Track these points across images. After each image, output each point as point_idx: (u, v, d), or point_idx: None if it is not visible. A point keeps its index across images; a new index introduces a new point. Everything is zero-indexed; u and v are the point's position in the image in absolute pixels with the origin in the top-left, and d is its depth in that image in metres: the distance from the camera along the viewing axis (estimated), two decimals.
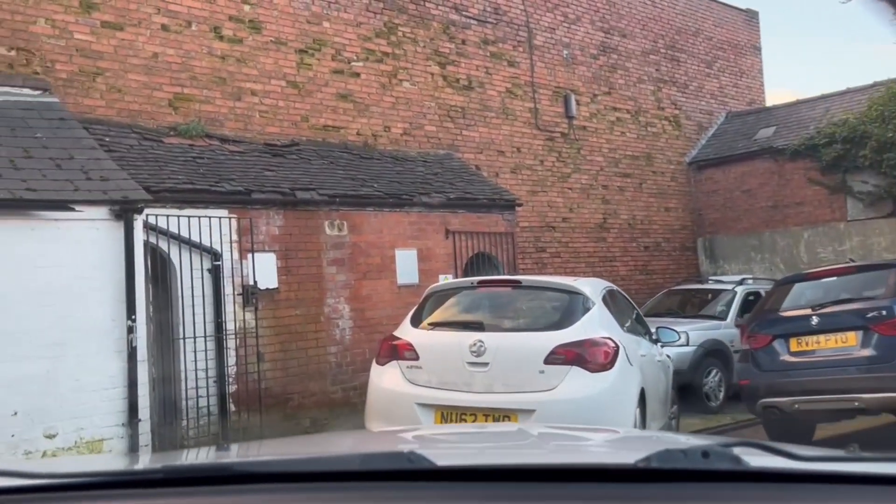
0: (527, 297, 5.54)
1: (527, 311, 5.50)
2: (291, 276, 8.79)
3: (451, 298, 5.78)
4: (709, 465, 1.26)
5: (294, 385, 8.71)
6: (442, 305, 5.76)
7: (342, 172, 9.90)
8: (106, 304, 6.31)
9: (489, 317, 5.49)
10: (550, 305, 5.44)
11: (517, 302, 5.53)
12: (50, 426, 5.96)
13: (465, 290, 5.75)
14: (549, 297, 5.50)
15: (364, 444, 2.49)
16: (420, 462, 1.29)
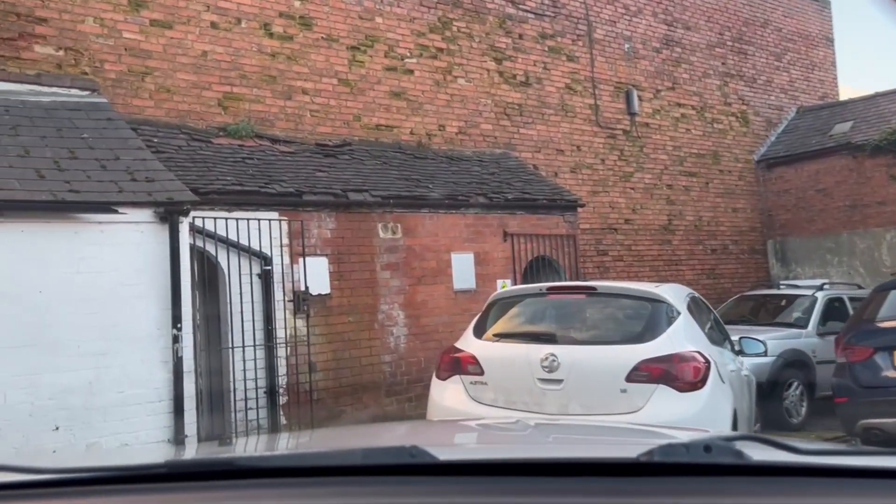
0: (603, 305, 4.99)
1: (604, 321, 4.94)
2: (344, 281, 8.39)
3: (517, 307, 5.26)
4: (711, 459, 1.25)
5: (347, 396, 8.30)
6: (508, 314, 5.25)
7: (395, 173, 9.48)
8: (151, 312, 5.98)
9: (562, 328, 4.95)
10: (631, 315, 4.88)
11: (593, 311, 4.97)
12: (93, 442, 5.64)
13: (534, 298, 5.22)
14: (629, 305, 4.93)
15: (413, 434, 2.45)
16: (422, 456, 1.27)
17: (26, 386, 5.42)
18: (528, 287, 5.46)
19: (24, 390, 5.42)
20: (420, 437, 2.23)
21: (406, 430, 2.67)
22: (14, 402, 5.37)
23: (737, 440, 1.38)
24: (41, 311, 5.52)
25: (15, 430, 5.37)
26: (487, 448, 1.95)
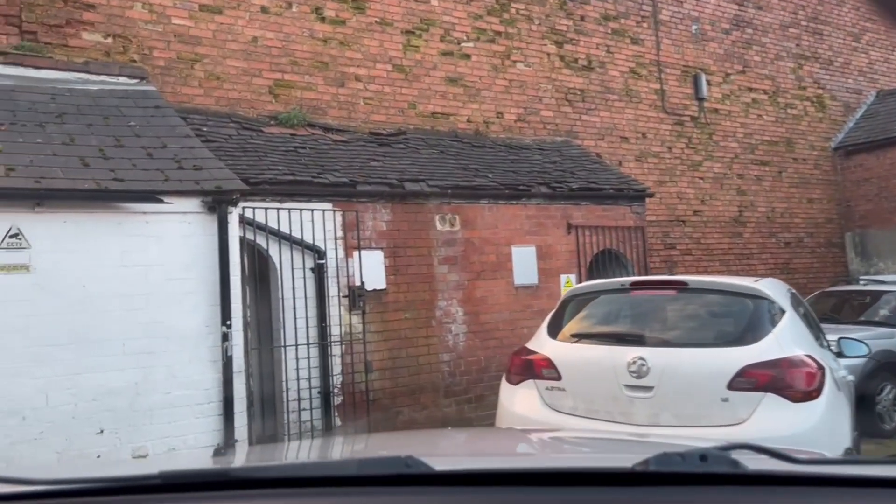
0: (696, 302, 4.40)
1: (699, 320, 4.37)
2: (400, 275, 7.95)
3: (597, 304, 4.72)
4: (706, 468, 1.24)
5: (404, 397, 7.87)
6: (586, 312, 4.71)
7: (453, 162, 9.00)
8: (199, 308, 5.62)
9: (650, 328, 4.39)
10: (729, 313, 4.29)
11: (684, 309, 4.39)
12: (139, 446, 5.31)
13: (615, 294, 4.66)
14: (727, 302, 4.34)
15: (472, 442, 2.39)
16: (418, 467, 1.26)
17: (69, 386, 5.12)
18: (608, 282, 4.91)
19: (67, 391, 5.11)
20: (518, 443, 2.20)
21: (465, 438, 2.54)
22: (56, 403, 5.07)
23: (733, 449, 1.35)
24: (84, 307, 5.20)
25: (58, 432, 5.07)
26: (484, 459, 1.92)
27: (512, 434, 3.15)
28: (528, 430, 3.41)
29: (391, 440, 2.84)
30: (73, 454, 5.09)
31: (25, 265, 5.02)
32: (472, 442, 2.44)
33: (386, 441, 2.77)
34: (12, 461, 4.91)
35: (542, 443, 2.30)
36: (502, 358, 8.55)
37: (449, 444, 2.34)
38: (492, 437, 2.54)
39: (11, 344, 4.96)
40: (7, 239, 4.96)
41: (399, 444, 2.32)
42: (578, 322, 4.68)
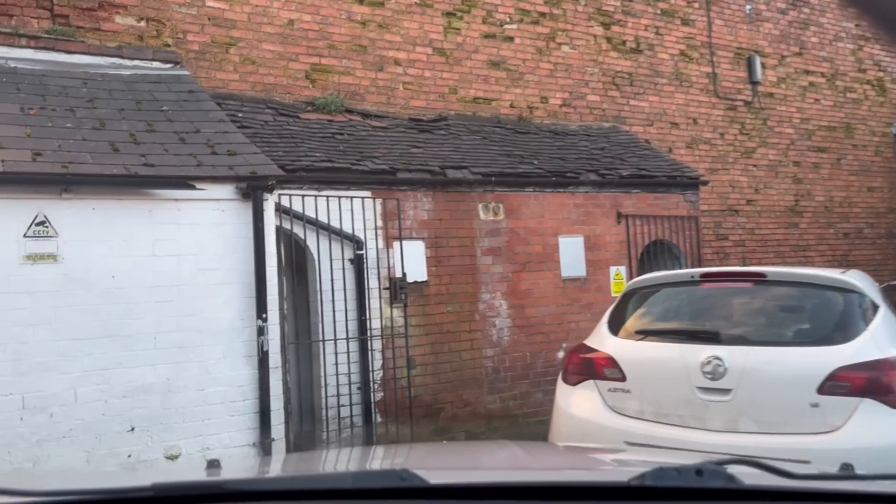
0: (777, 296, 3.95)
1: (781, 316, 3.92)
2: (442, 267, 7.60)
3: (663, 297, 4.29)
4: (702, 483, 1.23)
5: (446, 393, 7.53)
6: (651, 306, 4.30)
7: (496, 149, 8.61)
8: (233, 300, 5.33)
9: (725, 324, 3.95)
10: (815, 309, 3.84)
11: (764, 303, 3.95)
12: (171, 445, 5.05)
13: (683, 287, 4.23)
14: (811, 296, 3.89)
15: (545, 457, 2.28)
16: (412, 480, 1.25)
17: (99, 382, 4.87)
18: (675, 273, 4.49)
19: (96, 387, 4.87)
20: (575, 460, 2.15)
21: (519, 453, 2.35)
22: (86, 399, 4.82)
23: (729, 464, 1.33)
24: (114, 299, 4.94)
25: (87, 430, 4.83)
26: (479, 472, 1.91)
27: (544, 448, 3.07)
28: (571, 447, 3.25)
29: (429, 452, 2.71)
30: (103, 453, 4.85)
31: (53, 254, 4.78)
32: (471, 455, 2.36)
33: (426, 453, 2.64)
34: (39, 460, 4.68)
35: (546, 456, 2.27)
36: (548, 354, 8.17)
37: (447, 457, 2.26)
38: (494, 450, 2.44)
39: (39, 337, 4.72)
40: (33, 227, 4.72)
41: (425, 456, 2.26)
42: (643, 317, 4.27)
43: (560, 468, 1.96)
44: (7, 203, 4.69)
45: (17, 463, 4.61)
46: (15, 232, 4.69)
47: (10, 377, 4.63)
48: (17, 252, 4.69)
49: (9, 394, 4.62)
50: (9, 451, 4.59)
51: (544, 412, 8.16)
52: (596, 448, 3.57)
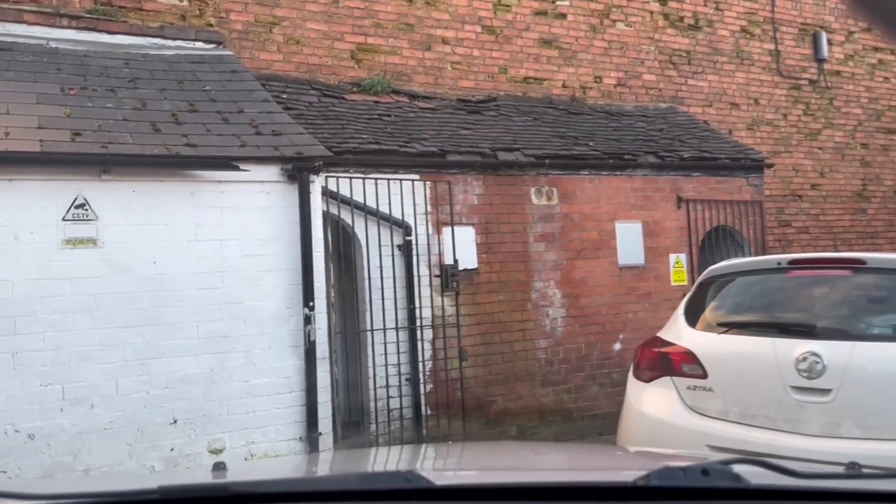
0: (879, 285, 3.53)
1: (886, 308, 3.50)
2: (492, 254, 7.26)
3: (745, 286, 3.89)
4: (708, 482, 1.24)
5: (497, 386, 7.21)
6: (733, 296, 3.90)
7: (549, 130, 8.22)
8: (279, 288, 5.08)
9: (821, 316, 3.54)
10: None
11: (864, 293, 3.52)
12: (215, 438, 4.82)
13: (768, 275, 3.82)
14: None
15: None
16: (418, 482, 1.27)
17: (140, 373, 4.66)
18: (758, 260, 4.08)
19: (138, 378, 4.66)
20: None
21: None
22: (127, 391, 4.62)
23: (735, 463, 1.33)
24: (155, 286, 4.72)
25: (129, 422, 4.62)
26: (485, 473, 1.90)
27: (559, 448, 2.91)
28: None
29: (483, 452, 2.65)
30: (145, 447, 4.64)
31: (93, 239, 4.57)
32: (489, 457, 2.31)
33: (481, 452, 2.59)
34: (80, 453, 4.49)
35: (559, 455, 2.24)
36: (604, 346, 7.79)
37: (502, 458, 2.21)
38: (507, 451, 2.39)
39: (79, 325, 4.52)
40: (73, 210, 4.52)
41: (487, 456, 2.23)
42: (725, 308, 3.87)
43: (567, 468, 1.95)
44: (46, 185, 4.49)
45: (57, 456, 4.43)
46: (54, 215, 4.49)
47: (51, 367, 4.44)
48: (57, 236, 4.50)
49: (48, 384, 4.43)
50: (48, 443, 4.41)
51: (599, 406, 7.81)
52: (612, 448, 3.54)
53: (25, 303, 4.39)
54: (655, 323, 8.07)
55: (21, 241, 4.40)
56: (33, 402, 4.38)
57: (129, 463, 4.55)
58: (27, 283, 4.40)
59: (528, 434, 7.31)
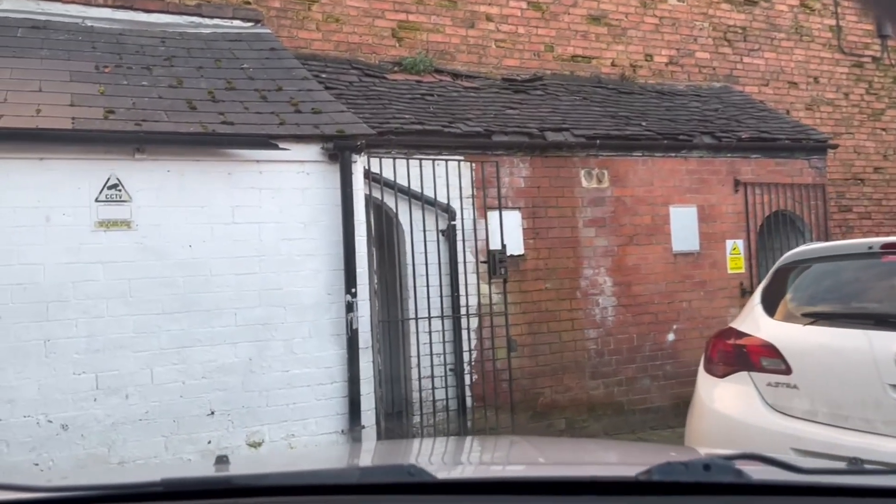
0: None
1: None
2: (539, 239, 6.93)
3: (830, 272, 3.51)
4: (710, 477, 1.24)
5: (544, 377, 6.90)
6: (817, 284, 3.53)
7: (599, 110, 7.84)
8: (320, 273, 4.83)
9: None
10: None
11: None
12: (254, 431, 4.60)
13: (858, 260, 3.45)
14: None
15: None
16: (420, 475, 1.26)
17: (176, 362, 4.45)
18: (844, 244, 3.70)
19: (174, 367, 4.45)
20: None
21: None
22: (162, 380, 4.41)
23: (737, 458, 1.33)
24: (191, 271, 4.51)
25: (164, 413, 4.42)
26: (487, 467, 1.93)
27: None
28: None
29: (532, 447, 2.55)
30: (181, 439, 4.44)
31: (126, 221, 4.36)
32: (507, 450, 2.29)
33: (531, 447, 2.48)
34: (115, 444, 4.30)
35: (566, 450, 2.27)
36: (657, 336, 7.42)
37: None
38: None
39: (113, 311, 4.32)
40: (105, 190, 4.31)
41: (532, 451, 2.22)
42: (808, 296, 3.51)
43: (569, 463, 1.96)
44: (78, 164, 4.29)
45: (91, 448, 4.24)
46: (87, 196, 4.29)
47: (84, 355, 4.25)
48: (89, 218, 4.30)
49: (82, 372, 4.25)
50: (82, 434, 4.23)
51: (651, 400, 7.46)
52: (612, 443, 3.42)
53: (57, 287, 4.20)
54: (711, 313, 7.69)
55: (53, 222, 4.21)
56: (66, 391, 4.20)
57: (164, 455, 4.36)
58: (59, 267, 4.21)
59: (576, 428, 7.00)
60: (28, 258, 4.16)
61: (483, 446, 2.62)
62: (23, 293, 4.14)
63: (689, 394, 7.59)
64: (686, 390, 7.73)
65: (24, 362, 4.12)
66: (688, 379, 7.67)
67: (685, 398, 7.65)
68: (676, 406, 7.51)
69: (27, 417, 4.12)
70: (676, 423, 7.60)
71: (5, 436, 4.07)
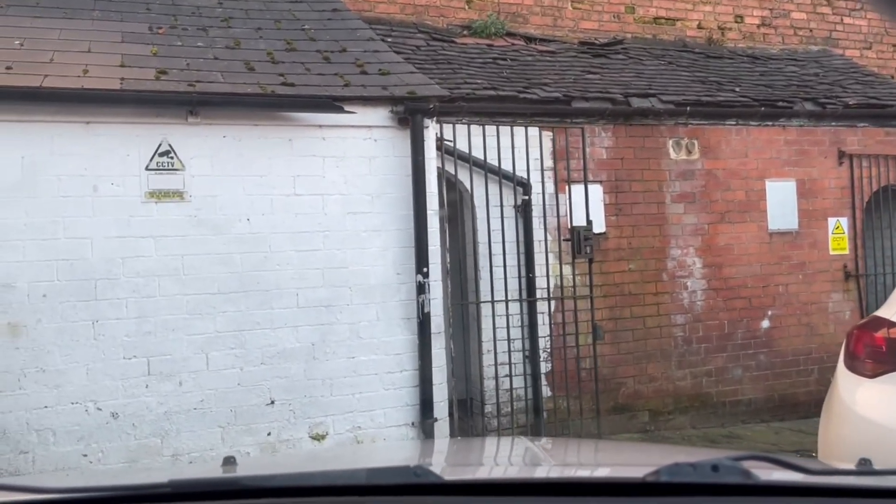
0: None
1: None
2: (622, 216, 6.35)
3: None
4: (718, 478, 1.23)
5: (627, 366, 6.35)
6: None
7: (686, 75, 7.17)
8: (388, 251, 4.38)
9: None
10: None
11: None
12: (317, 422, 4.20)
13: None
14: None
15: None
16: (427, 476, 1.26)
17: (233, 346, 4.07)
18: None
19: (231, 351, 4.07)
20: None
21: None
22: (218, 366, 4.04)
23: (746, 459, 1.29)
24: (249, 247, 4.11)
25: (220, 401, 4.05)
26: (494, 468, 1.90)
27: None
28: None
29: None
30: (239, 429, 4.07)
31: (179, 191, 3.98)
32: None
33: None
34: (168, 435, 3.95)
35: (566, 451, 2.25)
36: (750, 323, 6.77)
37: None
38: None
39: (165, 290, 3.96)
40: (157, 158, 3.93)
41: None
42: None
43: (577, 464, 1.96)
44: (127, 129, 3.91)
45: (143, 438, 3.90)
46: (136, 164, 3.92)
47: (134, 337, 3.90)
48: (139, 188, 3.93)
49: (132, 357, 3.90)
50: (133, 423, 3.89)
51: (743, 392, 6.83)
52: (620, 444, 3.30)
53: (106, 264, 3.85)
54: (809, 298, 6.99)
55: (100, 193, 3.86)
56: (116, 376, 3.86)
57: (221, 448, 3.99)
58: (108, 242, 3.86)
59: (660, 421, 6.44)
60: (75, 231, 3.82)
61: (566, 449, 2.47)
62: (70, 270, 3.81)
63: (785, 386, 6.98)
64: (781, 382, 7.09)
65: (72, 345, 3.80)
66: (783, 370, 7.02)
67: (780, 391, 7.01)
68: (770, 399, 6.87)
69: (75, 404, 3.80)
70: (770, 416, 6.98)
71: (52, 424, 3.76)
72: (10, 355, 3.69)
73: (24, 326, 3.71)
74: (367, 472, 1.30)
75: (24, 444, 3.70)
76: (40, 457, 3.71)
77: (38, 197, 3.76)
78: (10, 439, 3.68)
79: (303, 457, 2.96)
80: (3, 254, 3.69)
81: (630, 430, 6.34)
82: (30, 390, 3.72)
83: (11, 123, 3.71)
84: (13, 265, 3.71)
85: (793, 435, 6.45)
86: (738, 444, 6.15)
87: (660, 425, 6.45)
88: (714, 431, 6.51)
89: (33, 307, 3.73)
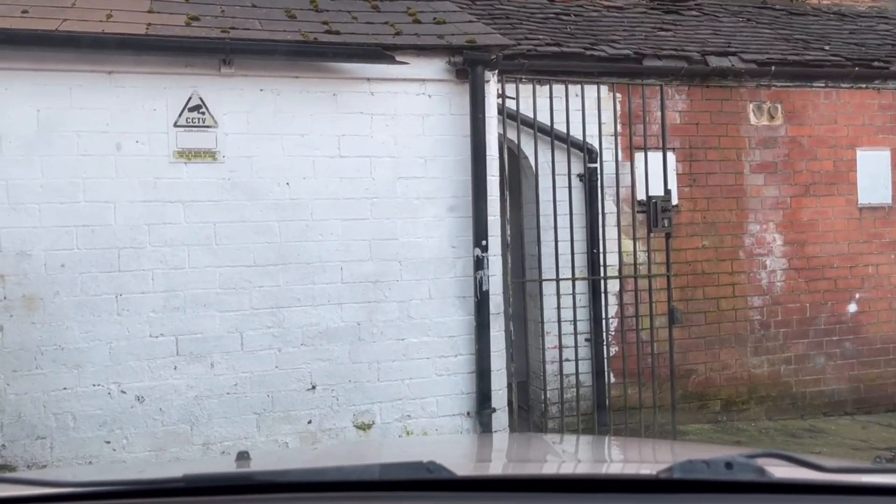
0: None
1: None
2: (696, 187, 5.78)
3: None
4: (732, 476, 1.22)
5: (698, 351, 5.81)
6: None
7: (769, 32, 6.49)
8: (442, 222, 3.90)
9: None
10: None
11: None
12: (363, 410, 3.78)
13: None
14: None
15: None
16: (439, 472, 1.26)
17: (270, 325, 3.65)
18: None
19: (268, 331, 3.66)
20: None
21: None
22: (254, 346, 3.63)
23: (760, 457, 1.29)
24: (289, 215, 3.68)
25: (257, 386, 3.65)
26: (507, 464, 1.92)
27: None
28: None
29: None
30: (277, 417, 3.67)
31: (211, 151, 3.56)
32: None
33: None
34: (198, 421, 3.57)
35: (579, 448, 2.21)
36: (835, 306, 6.14)
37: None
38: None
39: (195, 261, 3.56)
40: (186, 113, 3.51)
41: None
42: None
43: (591, 461, 1.93)
44: (153, 80, 3.50)
45: (171, 424, 3.53)
46: (163, 119, 3.50)
47: (161, 313, 3.52)
48: (167, 146, 3.51)
49: (160, 335, 3.51)
50: (160, 407, 3.51)
51: (826, 381, 6.22)
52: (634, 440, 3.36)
53: (130, 231, 3.46)
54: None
55: (124, 151, 3.46)
56: (142, 356, 3.49)
57: (257, 437, 3.60)
58: (132, 206, 3.47)
59: (733, 411, 5.90)
60: (96, 194, 3.43)
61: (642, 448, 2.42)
62: (91, 237, 3.42)
63: (873, 376, 6.35)
64: (868, 372, 6.45)
65: (93, 321, 3.42)
66: (871, 359, 6.39)
67: (867, 382, 6.39)
68: (855, 390, 6.27)
69: (97, 386, 3.43)
70: (854, 409, 6.38)
71: (72, 407, 3.41)
72: (25, 331, 3.34)
73: (41, 300, 3.35)
74: (380, 468, 1.30)
75: (42, 429, 3.36)
76: (59, 443, 3.37)
77: (55, 155, 3.37)
78: (26, 423, 3.33)
79: (317, 452, 2.78)
80: (17, 218, 3.33)
81: (700, 420, 5.81)
82: (47, 370, 3.37)
83: (25, 72, 3.32)
84: (28, 231, 3.34)
85: (882, 430, 5.85)
86: (822, 438, 5.59)
87: (732, 416, 5.91)
88: (793, 424, 5.95)
89: (51, 278, 3.36)
